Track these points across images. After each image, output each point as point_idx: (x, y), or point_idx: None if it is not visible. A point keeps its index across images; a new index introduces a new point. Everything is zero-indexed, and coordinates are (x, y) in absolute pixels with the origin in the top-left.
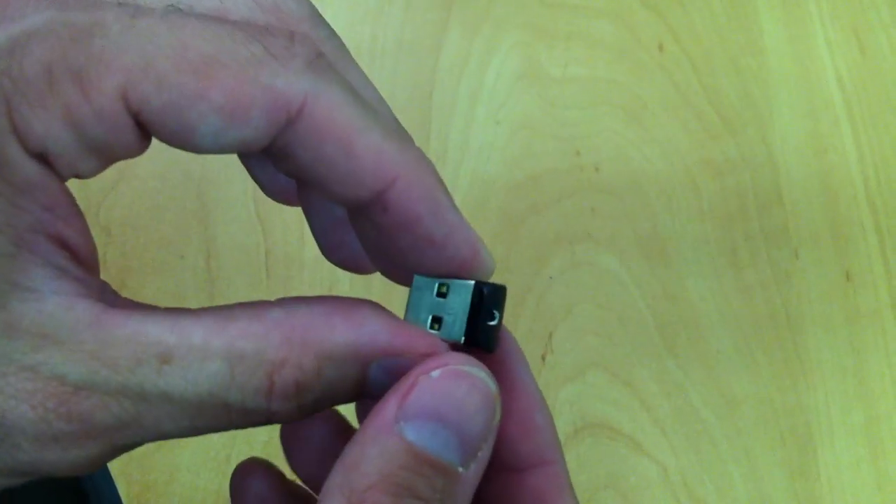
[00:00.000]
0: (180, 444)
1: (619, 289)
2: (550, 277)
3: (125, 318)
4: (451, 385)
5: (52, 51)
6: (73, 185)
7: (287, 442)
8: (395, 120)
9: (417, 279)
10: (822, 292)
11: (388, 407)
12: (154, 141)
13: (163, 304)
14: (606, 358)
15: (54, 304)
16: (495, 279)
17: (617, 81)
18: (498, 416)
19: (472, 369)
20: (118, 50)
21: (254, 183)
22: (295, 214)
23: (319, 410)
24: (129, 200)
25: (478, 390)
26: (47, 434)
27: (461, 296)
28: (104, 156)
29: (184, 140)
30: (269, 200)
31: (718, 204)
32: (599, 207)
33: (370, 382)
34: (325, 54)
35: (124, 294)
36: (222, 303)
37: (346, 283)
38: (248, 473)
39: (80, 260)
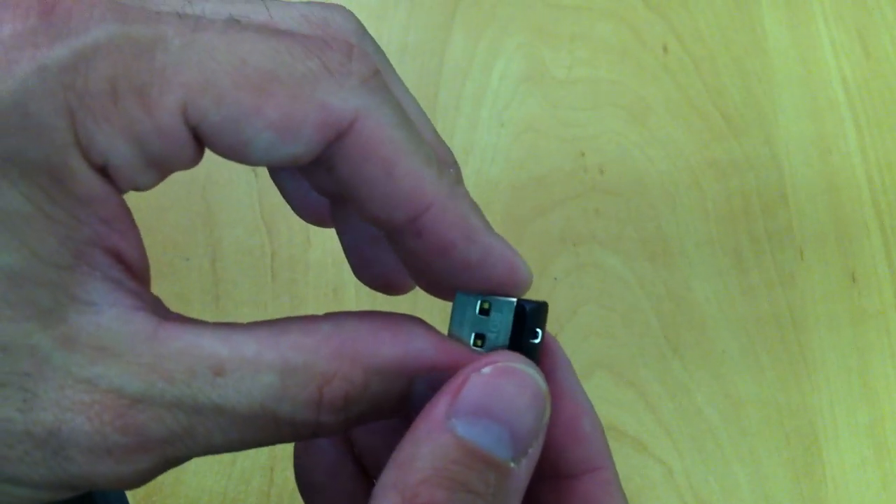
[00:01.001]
0: None
1: (623, 290)
2: (555, 279)
3: (180, 331)
4: (502, 382)
5: (115, 66)
6: None
7: None
8: (439, 138)
9: (459, 296)
10: (827, 293)
11: (440, 404)
12: None
13: (168, 306)
14: (611, 359)
15: (111, 316)
16: None
17: (621, 83)
18: (548, 414)
19: (522, 366)
20: (179, 66)
21: (259, 185)
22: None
23: (363, 423)
24: (134, 202)
25: (528, 387)
26: (102, 447)
27: (504, 314)
28: (162, 168)
29: (238, 153)
30: (275, 203)
31: (723, 205)
32: (604, 209)
33: (414, 397)
34: (381, 72)
35: None
36: (228, 305)
37: (350, 287)
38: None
39: (133, 274)
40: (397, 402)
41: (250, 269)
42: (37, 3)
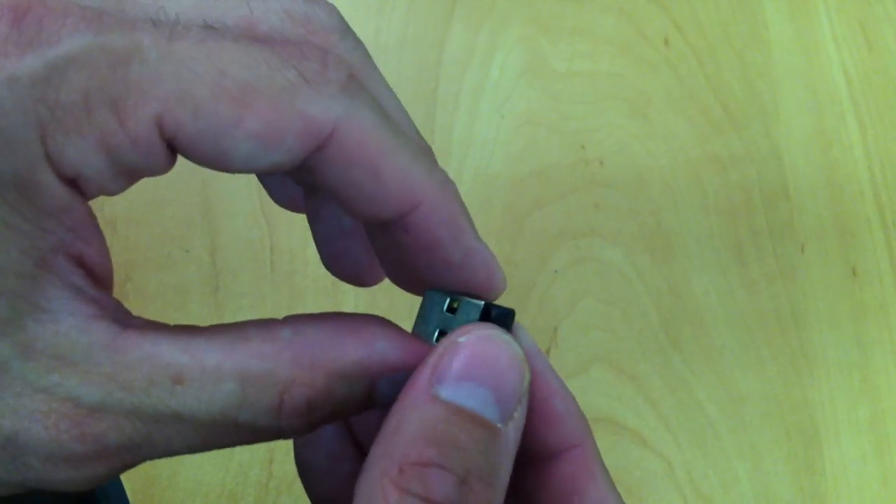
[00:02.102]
0: None
1: (623, 284)
2: (555, 271)
3: (139, 339)
4: (481, 347)
5: (90, 79)
6: None
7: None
8: (418, 134)
9: (429, 293)
10: (828, 287)
11: (422, 376)
12: None
13: (167, 297)
14: (611, 353)
15: (70, 325)
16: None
17: (621, 76)
18: (527, 379)
19: (498, 333)
20: (155, 77)
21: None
22: None
23: (328, 423)
24: (134, 194)
25: (507, 351)
26: (59, 455)
27: (470, 315)
28: (133, 177)
29: (216, 163)
30: None
31: (723, 199)
32: (604, 202)
33: (377, 395)
34: (357, 75)
35: (129, 288)
36: (227, 297)
37: None
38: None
39: (95, 279)
40: (361, 402)
41: (250, 262)
42: (7, 11)
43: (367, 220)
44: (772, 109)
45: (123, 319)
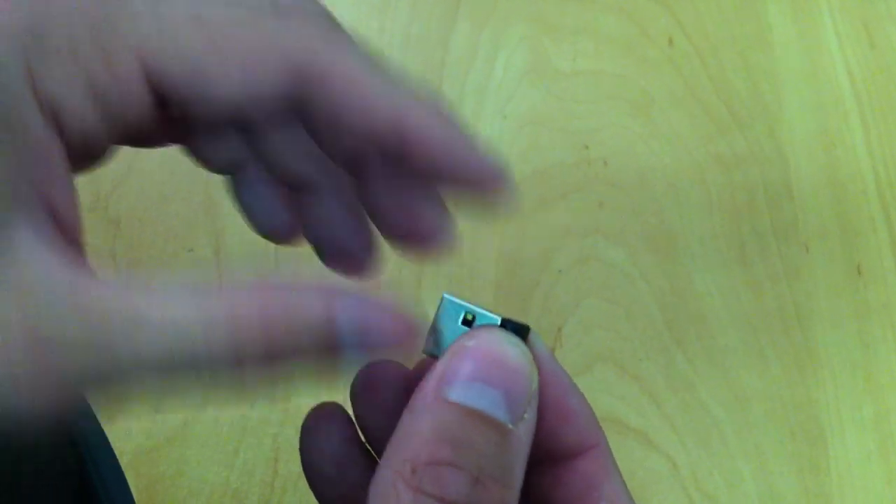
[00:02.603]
0: (188, 438)
1: (627, 283)
2: (559, 271)
3: (101, 284)
4: (489, 350)
5: (74, 13)
6: (82, 179)
7: (358, 396)
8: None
9: (446, 301)
10: (832, 287)
11: (431, 381)
12: None
13: None
14: (615, 352)
15: (34, 262)
16: (503, 272)
17: (625, 75)
18: (536, 381)
19: (505, 336)
20: (139, 18)
21: None
22: None
23: (287, 371)
24: (138, 193)
25: (515, 354)
26: (14, 385)
27: None
28: (115, 122)
29: (200, 101)
30: None
31: (727, 198)
32: (607, 201)
33: (339, 340)
34: (331, 14)
35: None
36: None
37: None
38: (320, 425)
39: (64, 229)
40: (322, 350)
41: (254, 261)
42: None
43: (363, 144)
44: (775, 109)
45: (89, 272)
